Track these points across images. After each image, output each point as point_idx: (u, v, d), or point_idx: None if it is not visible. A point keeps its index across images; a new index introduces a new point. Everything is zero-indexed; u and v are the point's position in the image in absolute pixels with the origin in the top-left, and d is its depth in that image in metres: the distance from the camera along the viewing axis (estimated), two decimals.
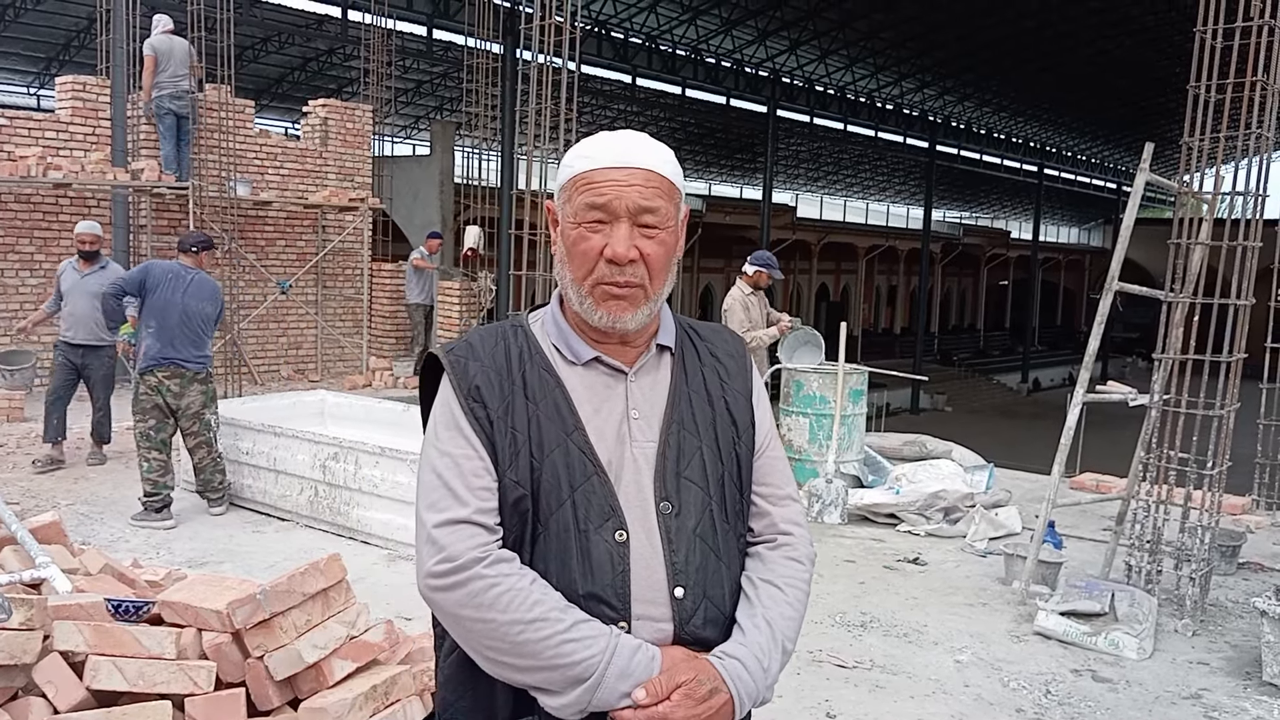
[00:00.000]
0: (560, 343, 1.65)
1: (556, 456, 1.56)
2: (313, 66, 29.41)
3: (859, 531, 7.06)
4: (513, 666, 1.50)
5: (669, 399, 1.66)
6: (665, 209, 1.60)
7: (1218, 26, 5.51)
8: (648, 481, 1.60)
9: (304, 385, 12.61)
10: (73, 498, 7.02)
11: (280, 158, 13.49)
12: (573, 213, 1.60)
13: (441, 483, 1.56)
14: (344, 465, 6.40)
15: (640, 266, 1.58)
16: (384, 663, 3.21)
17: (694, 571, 1.59)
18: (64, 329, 8.05)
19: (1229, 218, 5.70)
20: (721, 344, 1.78)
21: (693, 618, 1.58)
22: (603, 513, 1.56)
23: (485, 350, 1.63)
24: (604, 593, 1.54)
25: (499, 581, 1.50)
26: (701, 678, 1.51)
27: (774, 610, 1.64)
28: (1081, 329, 49.94)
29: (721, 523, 1.65)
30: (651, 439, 1.63)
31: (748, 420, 1.72)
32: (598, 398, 1.62)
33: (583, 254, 1.59)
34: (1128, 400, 6.15)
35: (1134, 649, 4.83)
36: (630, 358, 1.66)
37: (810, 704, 4.24)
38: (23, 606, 2.76)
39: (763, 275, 8.05)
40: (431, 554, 1.53)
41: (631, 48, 27.54)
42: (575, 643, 1.48)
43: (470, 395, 1.58)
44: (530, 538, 1.57)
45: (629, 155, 1.60)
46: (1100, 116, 41.26)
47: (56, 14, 23.74)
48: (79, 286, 7.92)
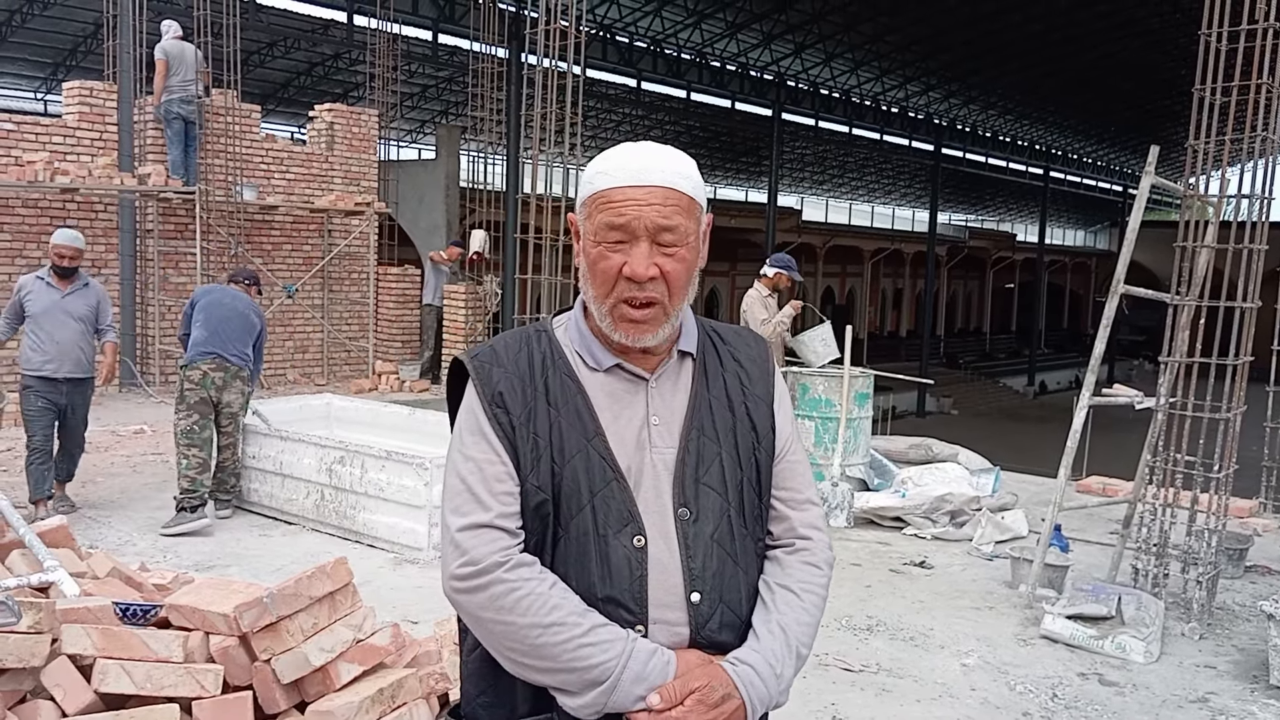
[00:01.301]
0: (583, 349, 1.67)
1: (577, 462, 1.59)
2: (319, 71, 29.44)
3: (865, 535, 7.05)
4: (532, 667, 1.54)
5: (689, 405, 1.68)
6: (685, 226, 1.61)
7: (1223, 29, 5.50)
8: (666, 487, 1.62)
9: (310, 389, 12.63)
10: (80, 502, 7.04)
11: (286, 162, 13.53)
12: (593, 231, 1.62)
13: (465, 487, 1.59)
14: (350, 469, 6.41)
15: (660, 284, 1.60)
16: (390, 666, 3.21)
17: (710, 577, 1.61)
18: (39, 362, 6.47)
19: (1235, 220, 5.69)
20: (744, 348, 1.79)
21: (709, 622, 1.61)
22: (621, 518, 1.59)
23: (509, 356, 1.65)
24: (622, 596, 1.57)
25: (519, 586, 1.53)
26: (714, 684, 1.53)
27: (789, 615, 1.65)
28: (1088, 332, 49.84)
29: (739, 528, 1.66)
30: (671, 445, 1.65)
31: (768, 426, 1.73)
32: (618, 404, 1.65)
33: (603, 273, 1.61)
34: (1134, 403, 6.14)
35: (1141, 653, 4.82)
36: (651, 364, 1.68)
37: (816, 707, 4.24)
38: (31, 610, 2.76)
39: (782, 277, 8.09)
40: (455, 557, 1.57)
41: (637, 51, 27.55)
42: (592, 646, 1.51)
43: (493, 401, 1.61)
44: (551, 541, 1.59)
45: (647, 173, 1.60)
46: (1106, 119, 41.19)
47: (64, 19, 23.81)
48: (58, 308, 6.53)
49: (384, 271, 14.96)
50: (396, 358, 14.69)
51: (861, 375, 8.09)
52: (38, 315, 6.49)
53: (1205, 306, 5.65)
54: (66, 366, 6.53)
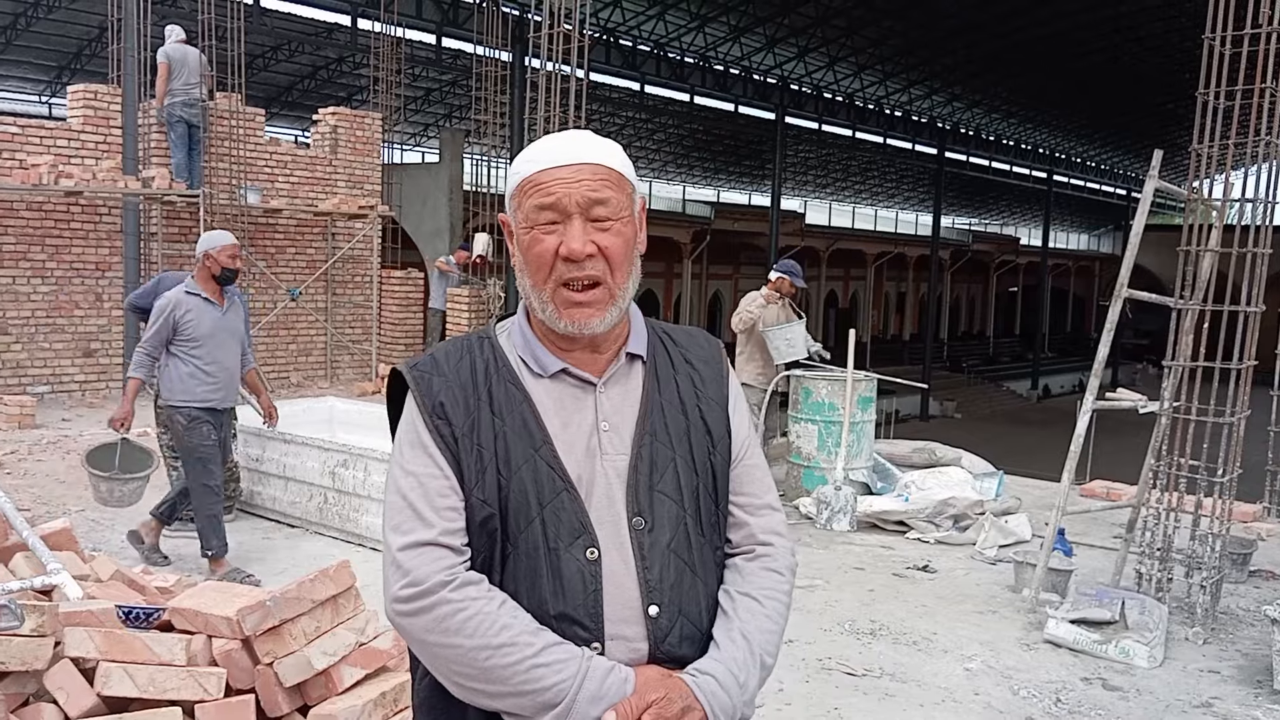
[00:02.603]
0: (527, 354, 1.60)
1: (524, 473, 1.52)
2: (322, 75, 29.50)
3: (868, 539, 7.04)
4: (482, 692, 1.46)
5: (641, 410, 1.60)
6: (617, 199, 1.56)
7: (1226, 33, 5.50)
8: (619, 496, 1.55)
9: (313, 392, 12.64)
10: (84, 504, 7.04)
11: (290, 165, 13.54)
12: (524, 217, 1.56)
13: (406, 504, 1.52)
14: (353, 472, 6.41)
15: (599, 261, 1.54)
16: (393, 669, 3.22)
17: (668, 589, 1.54)
18: (204, 393, 5.58)
19: (1239, 224, 5.69)
20: (696, 349, 1.72)
21: (668, 636, 1.54)
22: (573, 530, 1.51)
23: (450, 365, 1.58)
24: (576, 613, 1.50)
25: (465, 606, 1.46)
26: (672, 695, 1.46)
27: (751, 624, 1.58)
28: (1091, 335, 49.80)
29: (697, 536, 1.59)
30: (623, 452, 1.57)
31: (723, 429, 1.66)
32: (566, 411, 1.57)
33: (538, 256, 1.54)
34: (1138, 407, 6.13)
35: (1145, 657, 4.81)
36: (599, 367, 1.61)
37: (819, 712, 4.24)
38: (34, 613, 2.77)
39: (784, 282, 8.16)
40: (397, 578, 1.49)
41: (640, 55, 27.56)
42: (545, 667, 1.43)
43: (434, 413, 1.54)
44: (500, 558, 1.52)
45: (573, 152, 1.56)
46: (1109, 123, 41.17)
47: (68, 23, 23.87)
48: (222, 329, 5.66)
49: (387, 275, 14.97)
50: (400, 361, 14.71)
51: (865, 379, 8.08)
52: (203, 339, 5.57)
53: (1209, 310, 5.64)
54: (231, 395, 5.80)
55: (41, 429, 9.48)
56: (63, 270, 11.35)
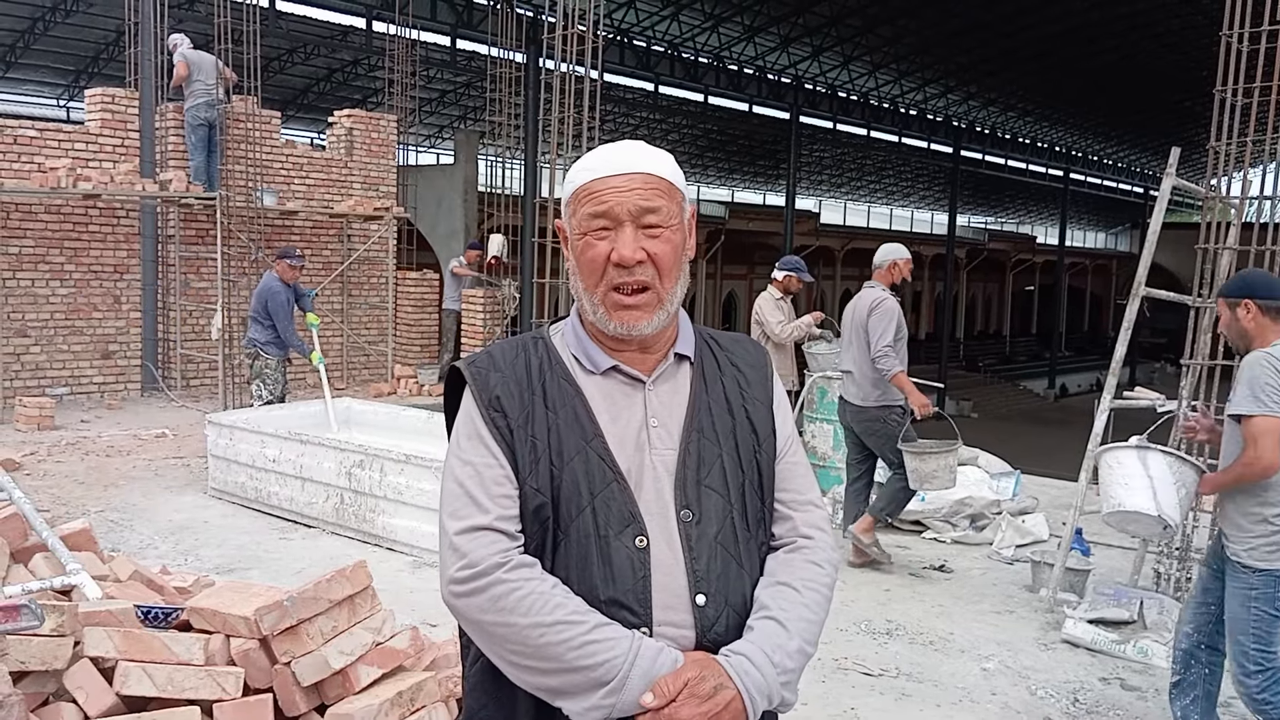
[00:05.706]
0: (579, 352, 1.67)
1: (576, 464, 1.58)
2: (338, 77, 29.61)
3: (884, 538, 6.99)
4: (536, 670, 1.50)
5: (689, 407, 1.67)
6: (667, 208, 1.63)
7: (1244, 30, 5.47)
8: (668, 489, 1.61)
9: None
10: (103, 505, 7.09)
11: (306, 168, 13.60)
12: (578, 224, 1.63)
13: (463, 491, 1.58)
14: (369, 473, 6.44)
15: (649, 267, 1.61)
16: (409, 669, 3.23)
17: (715, 579, 1.59)
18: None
19: (1257, 222, 5.65)
20: (742, 354, 1.78)
21: (715, 625, 1.58)
22: (623, 519, 1.57)
23: (506, 361, 1.65)
24: (625, 598, 1.54)
25: (520, 585, 1.51)
26: (706, 674, 1.49)
27: (789, 610, 1.61)
28: (1109, 334, 49.53)
29: (743, 530, 1.64)
30: (671, 447, 1.63)
31: (769, 428, 1.72)
32: (616, 406, 1.64)
33: (590, 261, 1.62)
34: (1155, 406, 6.09)
35: (1163, 657, 4.78)
36: (648, 366, 1.67)
37: (836, 711, 4.23)
38: (54, 613, 2.79)
39: (792, 279, 8.08)
40: (454, 560, 1.55)
41: (654, 55, 27.56)
42: (598, 644, 1.47)
43: (491, 405, 1.61)
44: (551, 545, 1.57)
45: (627, 162, 1.63)
46: (1126, 121, 40.94)
47: (86, 27, 24.01)
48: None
49: (403, 276, 15.01)
50: (415, 362, 14.73)
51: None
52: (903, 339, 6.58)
53: None
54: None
55: (60, 430, 9.55)
56: (81, 273, 11.44)
